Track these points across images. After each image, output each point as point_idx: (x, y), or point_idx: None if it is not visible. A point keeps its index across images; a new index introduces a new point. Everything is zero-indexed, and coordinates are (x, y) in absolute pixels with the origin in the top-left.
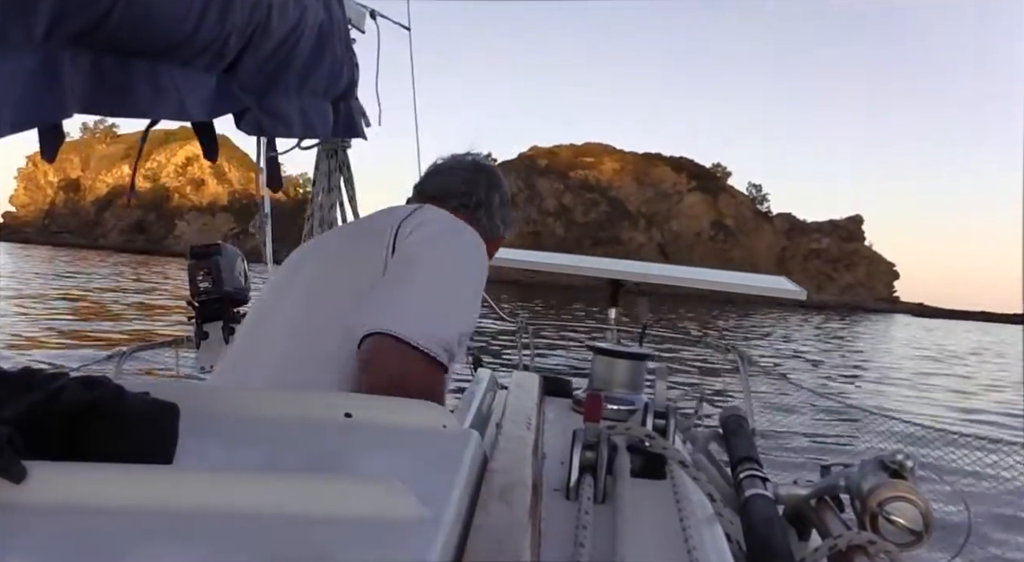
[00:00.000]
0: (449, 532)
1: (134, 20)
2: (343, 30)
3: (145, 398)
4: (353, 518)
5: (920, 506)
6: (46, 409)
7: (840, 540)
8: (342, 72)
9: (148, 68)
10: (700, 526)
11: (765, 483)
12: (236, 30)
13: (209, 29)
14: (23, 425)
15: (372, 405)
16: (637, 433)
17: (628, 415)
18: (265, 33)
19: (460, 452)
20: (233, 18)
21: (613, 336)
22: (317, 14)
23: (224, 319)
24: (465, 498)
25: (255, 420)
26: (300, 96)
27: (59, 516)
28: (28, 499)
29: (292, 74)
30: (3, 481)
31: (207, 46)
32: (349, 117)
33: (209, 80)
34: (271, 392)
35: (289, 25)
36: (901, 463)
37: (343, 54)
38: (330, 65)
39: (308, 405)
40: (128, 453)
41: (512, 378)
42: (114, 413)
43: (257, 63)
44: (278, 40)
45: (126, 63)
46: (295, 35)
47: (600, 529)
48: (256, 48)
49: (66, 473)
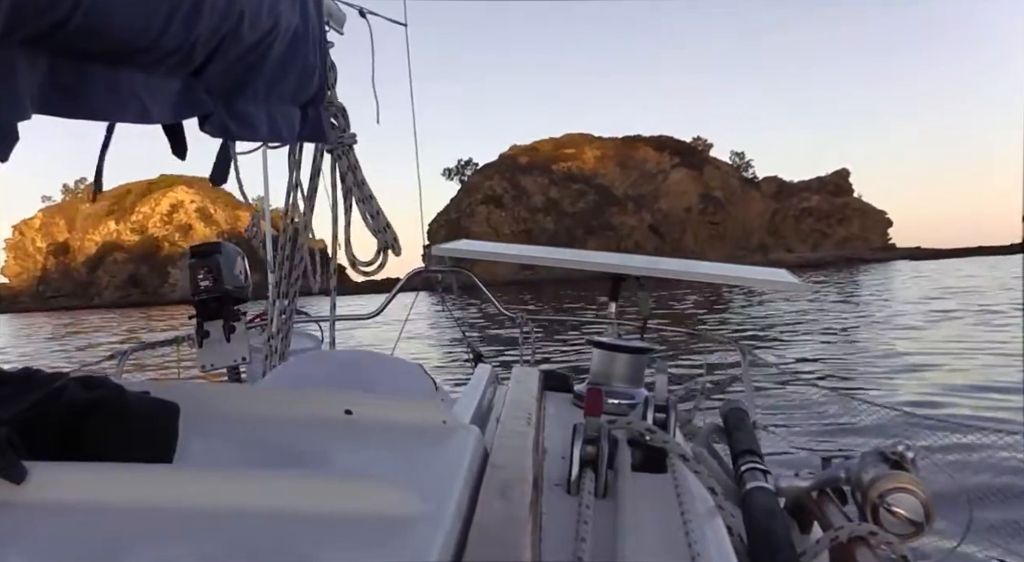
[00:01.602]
0: (450, 528)
1: (94, 25)
2: (318, 36)
3: (145, 397)
4: (354, 516)
5: (921, 497)
6: (47, 408)
7: (841, 532)
8: (313, 78)
9: (108, 72)
10: (701, 519)
11: (766, 476)
12: (204, 36)
13: (175, 35)
14: (24, 425)
15: (372, 402)
16: (638, 427)
17: (629, 409)
18: (235, 39)
19: (461, 448)
20: (201, 25)
21: (614, 330)
22: (291, 21)
23: (224, 317)
24: (466, 494)
25: (256, 419)
26: (268, 101)
27: (59, 516)
28: (28, 499)
29: (261, 79)
30: (3, 481)
31: (173, 51)
32: (317, 122)
33: (174, 84)
34: (271, 390)
35: (260, 32)
36: (902, 454)
37: (315, 60)
38: (301, 71)
39: (308, 403)
40: (128, 452)
41: (512, 373)
42: (114, 412)
43: (225, 68)
44: (248, 46)
45: (85, 67)
46: (266, 42)
47: (601, 523)
48: (225, 53)
49: (66, 473)
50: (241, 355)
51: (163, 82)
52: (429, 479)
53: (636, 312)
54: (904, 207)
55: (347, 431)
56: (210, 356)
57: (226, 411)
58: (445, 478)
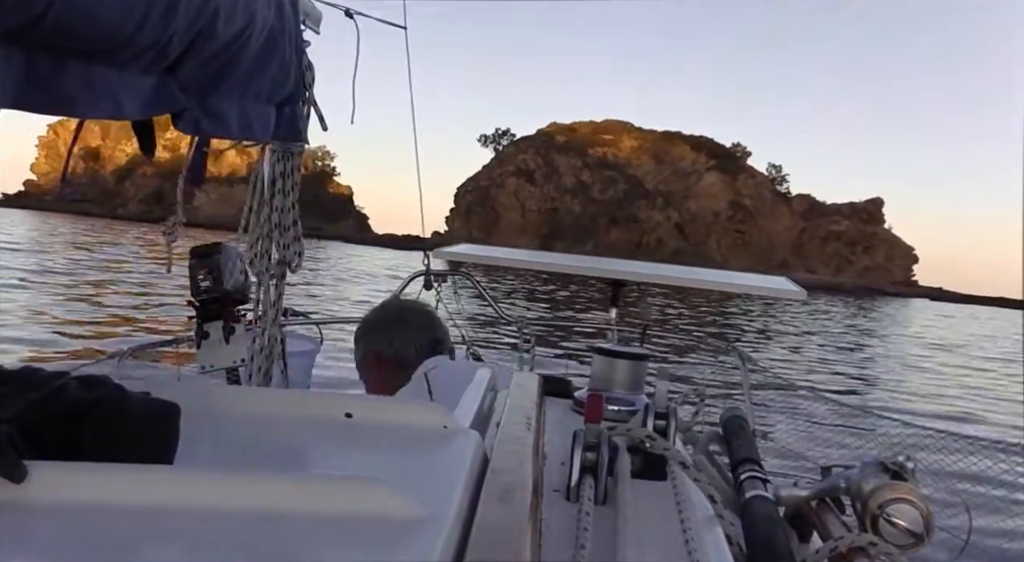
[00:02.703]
0: (449, 533)
1: (70, 21)
2: (294, 34)
3: (146, 398)
4: (354, 519)
5: (921, 508)
6: (47, 408)
7: (841, 542)
8: (289, 76)
9: (82, 68)
10: (701, 527)
11: (766, 484)
12: (178, 33)
13: (149, 32)
14: (24, 424)
15: (372, 405)
16: (638, 434)
17: (629, 416)
18: (210, 36)
19: (461, 453)
20: (176, 22)
21: (614, 336)
22: (267, 19)
23: (224, 318)
24: (465, 499)
25: (256, 420)
26: (242, 99)
27: (59, 516)
28: (28, 499)
29: (236, 77)
30: (3, 481)
31: (147, 48)
32: (292, 121)
33: (147, 80)
34: (272, 392)
35: (235, 29)
36: (902, 465)
37: (291, 59)
38: (276, 70)
39: (308, 405)
40: (128, 453)
41: (512, 378)
42: (115, 413)
43: (199, 65)
44: (223, 43)
45: (59, 62)
46: (241, 39)
47: (601, 530)
48: (199, 51)
49: (66, 473)
50: (240, 357)
51: (137, 78)
52: (429, 483)
53: (638, 317)
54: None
55: (347, 434)
56: (209, 357)
57: (227, 412)
58: (445, 482)
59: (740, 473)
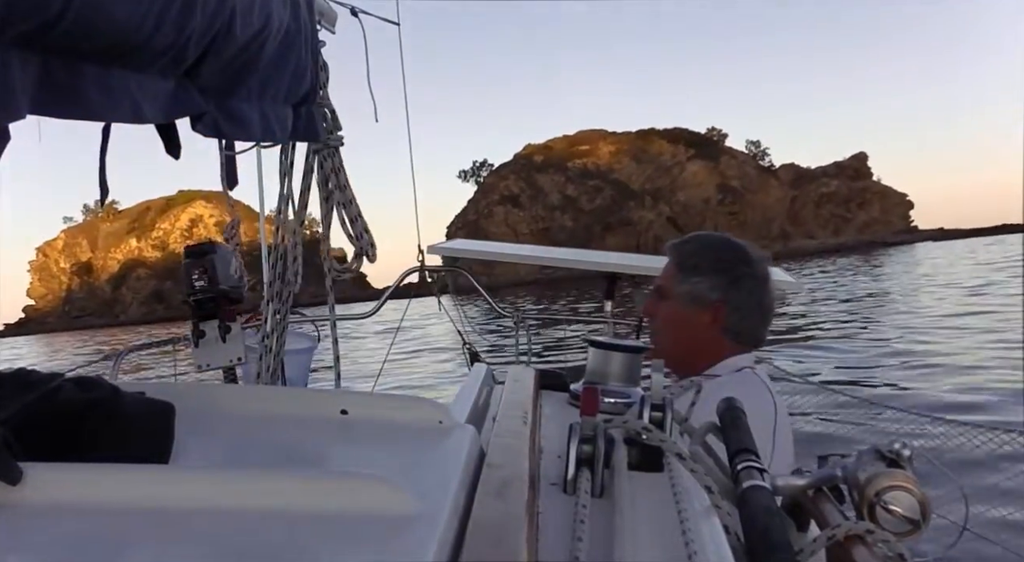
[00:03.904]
0: (446, 527)
1: (86, 24)
2: (309, 34)
3: (141, 398)
4: (350, 515)
5: (917, 495)
6: (42, 409)
7: (838, 530)
8: (305, 77)
9: (100, 71)
10: (698, 518)
11: (763, 474)
12: (196, 35)
13: (167, 34)
14: (19, 425)
15: (368, 402)
16: (634, 426)
17: (625, 408)
18: (227, 38)
19: (457, 447)
20: (193, 24)
21: (609, 329)
22: (282, 19)
23: (220, 317)
24: (462, 493)
25: (251, 418)
26: (261, 100)
27: (55, 516)
28: (24, 500)
29: (254, 78)
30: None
31: (165, 51)
32: (310, 121)
33: (166, 83)
34: (267, 389)
35: (252, 30)
36: (898, 452)
37: (307, 59)
38: (293, 70)
39: (304, 402)
40: (124, 452)
41: (508, 372)
42: (110, 413)
43: (218, 67)
44: (241, 45)
45: (77, 66)
46: (258, 40)
47: (598, 523)
48: (218, 53)
49: (62, 474)
50: (237, 355)
51: (156, 81)
52: (425, 478)
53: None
54: (924, 188)
55: (343, 430)
56: (205, 356)
57: (222, 411)
58: (441, 477)
59: (737, 463)
